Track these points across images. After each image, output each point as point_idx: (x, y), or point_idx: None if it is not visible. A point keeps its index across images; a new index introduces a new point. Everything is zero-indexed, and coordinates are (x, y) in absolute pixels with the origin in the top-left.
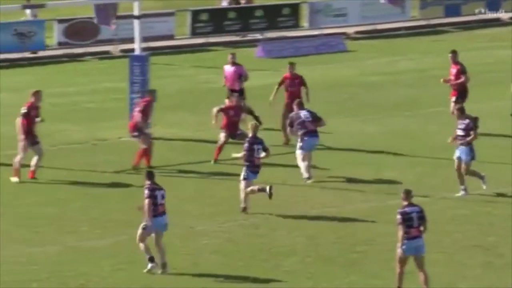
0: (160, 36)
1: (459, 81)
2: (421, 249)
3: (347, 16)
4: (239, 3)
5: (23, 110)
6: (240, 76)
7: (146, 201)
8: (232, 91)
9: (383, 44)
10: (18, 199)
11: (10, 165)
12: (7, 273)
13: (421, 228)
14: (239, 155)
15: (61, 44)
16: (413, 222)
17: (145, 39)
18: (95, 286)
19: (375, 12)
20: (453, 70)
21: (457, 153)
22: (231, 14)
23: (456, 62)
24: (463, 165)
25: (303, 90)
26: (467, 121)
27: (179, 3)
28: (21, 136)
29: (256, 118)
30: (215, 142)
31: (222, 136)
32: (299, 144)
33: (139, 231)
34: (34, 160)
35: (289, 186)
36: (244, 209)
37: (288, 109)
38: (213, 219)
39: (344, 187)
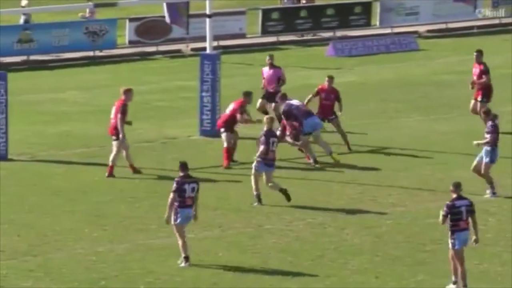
0: (231, 34)
1: (481, 80)
2: (466, 242)
3: (419, 15)
4: (300, 2)
5: (123, 107)
6: (279, 79)
7: (171, 195)
8: (270, 93)
9: (455, 43)
10: (88, 196)
11: (82, 163)
12: (77, 271)
13: (469, 221)
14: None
15: (132, 43)
16: (462, 215)
17: (216, 37)
18: (162, 285)
19: (447, 10)
20: (476, 70)
21: (479, 155)
22: (303, 13)
23: (480, 62)
24: (482, 166)
25: (337, 105)
26: (489, 123)
27: (251, 2)
28: (122, 134)
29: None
30: (284, 141)
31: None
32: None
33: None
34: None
35: (357, 185)
36: (258, 196)
37: None
38: (281, 218)
39: (413, 186)
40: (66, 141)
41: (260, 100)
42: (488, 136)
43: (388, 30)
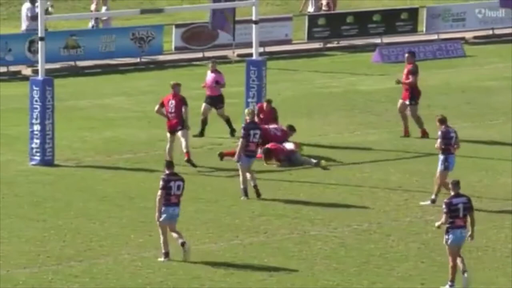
0: (277, 40)
1: (408, 81)
2: (462, 240)
3: (465, 21)
4: (321, 9)
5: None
6: (218, 82)
7: (159, 192)
8: (211, 98)
9: (501, 49)
10: (134, 202)
11: (128, 169)
12: (122, 277)
13: (466, 219)
14: None
15: (178, 49)
16: (459, 212)
17: (262, 43)
18: None
19: (493, 17)
20: (404, 70)
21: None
22: (349, 19)
23: (410, 62)
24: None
25: None
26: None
27: (297, 8)
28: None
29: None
30: (331, 147)
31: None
32: None
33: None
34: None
35: (403, 191)
36: (245, 190)
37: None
38: (327, 224)
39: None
40: (112, 147)
41: (204, 105)
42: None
43: (434, 37)
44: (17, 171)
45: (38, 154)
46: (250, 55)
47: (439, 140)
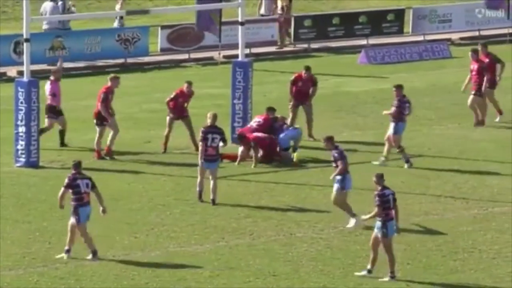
0: (264, 42)
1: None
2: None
3: (451, 22)
4: (276, 13)
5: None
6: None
7: (62, 189)
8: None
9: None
10: (119, 204)
11: (113, 170)
12: (107, 279)
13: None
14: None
15: (164, 50)
16: (390, 203)
17: (248, 45)
18: None
19: (479, 18)
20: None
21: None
22: (335, 20)
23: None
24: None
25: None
26: (334, 151)
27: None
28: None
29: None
30: (317, 148)
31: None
32: None
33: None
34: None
35: None
36: (199, 193)
37: None
38: (313, 226)
39: (446, 194)
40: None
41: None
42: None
43: (420, 38)
44: (2, 173)
45: (23, 155)
46: (236, 56)
47: (393, 108)
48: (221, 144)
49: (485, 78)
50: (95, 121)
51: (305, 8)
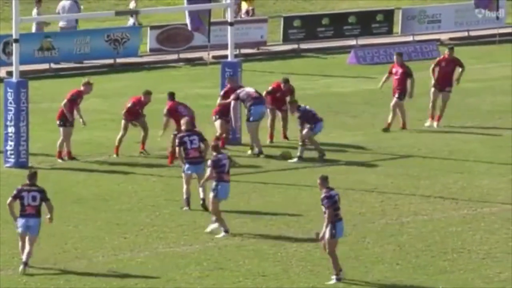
0: (253, 42)
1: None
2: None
3: (441, 23)
4: (240, 16)
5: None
6: None
7: (9, 199)
8: None
9: (477, 51)
10: (109, 205)
11: (103, 171)
12: (97, 279)
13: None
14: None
15: (153, 51)
16: (337, 204)
17: (237, 45)
18: None
19: (469, 18)
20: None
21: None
22: (324, 20)
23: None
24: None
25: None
26: None
27: (272, 10)
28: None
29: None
30: (306, 149)
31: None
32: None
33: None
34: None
35: (378, 193)
36: (187, 200)
37: None
38: (302, 226)
39: (435, 194)
40: (87, 149)
41: None
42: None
43: (410, 38)
44: None
45: (12, 156)
46: (226, 57)
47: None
48: (202, 145)
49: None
50: (58, 122)
51: (294, 8)
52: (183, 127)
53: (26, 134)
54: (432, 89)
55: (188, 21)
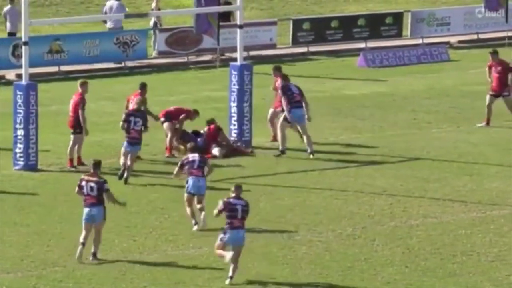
0: (262, 45)
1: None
2: (241, 241)
3: (450, 25)
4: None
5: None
6: None
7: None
8: None
9: (486, 54)
10: (118, 207)
11: (112, 173)
12: (106, 282)
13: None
14: None
15: (162, 53)
16: (237, 213)
17: (247, 48)
18: None
19: (478, 21)
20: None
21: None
22: (334, 23)
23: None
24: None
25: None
26: None
27: (281, 12)
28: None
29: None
30: (315, 151)
31: None
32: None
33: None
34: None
35: (388, 196)
36: (123, 171)
37: None
38: (311, 229)
39: (444, 197)
40: (96, 151)
41: None
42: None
43: (419, 41)
44: (1, 176)
45: (21, 159)
46: (235, 59)
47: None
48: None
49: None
50: (72, 130)
51: (304, 11)
52: (135, 106)
53: (35, 137)
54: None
55: (194, 23)
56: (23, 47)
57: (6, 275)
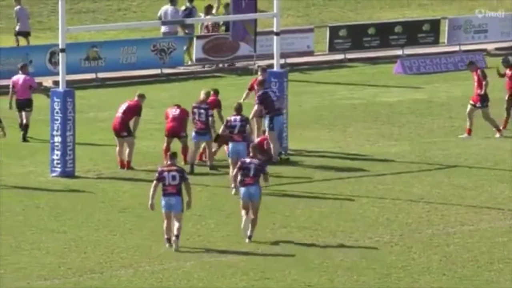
0: (299, 52)
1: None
2: (254, 196)
3: (487, 32)
4: (209, 31)
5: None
6: (30, 86)
7: (153, 182)
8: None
9: None
10: (155, 214)
11: (149, 180)
12: None
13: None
14: None
15: (199, 60)
16: (250, 172)
17: (283, 55)
18: None
19: None
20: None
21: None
22: (370, 30)
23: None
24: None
25: None
26: None
27: (318, 19)
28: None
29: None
30: (353, 158)
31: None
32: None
33: None
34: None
35: (425, 203)
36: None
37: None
38: (348, 236)
39: (482, 204)
40: (133, 158)
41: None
42: None
43: (456, 48)
44: (38, 183)
45: (59, 165)
46: (271, 66)
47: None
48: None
49: None
50: (124, 133)
51: (340, 18)
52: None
53: (72, 144)
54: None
55: (230, 31)
56: (60, 54)
57: (43, 282)
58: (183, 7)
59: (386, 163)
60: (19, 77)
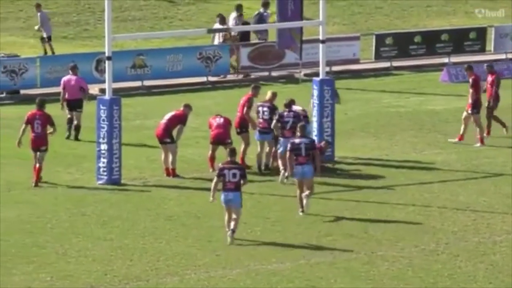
0: (345, 60)
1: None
2: (307, 174)
3: None
4: (230, 37)
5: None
6: (81, 88)
7: (214, 179)
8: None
9: None
10: (201, 221)
11: (195, 188)
12: None
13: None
14: None
15: (245, 68)
16: (301, 151)
17: (329, 63)
18: None
19: None
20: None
21: None
22: (417, 38)
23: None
24: None
25: None
26: None
27: (364, 27)
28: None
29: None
30: (399, 166)
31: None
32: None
33: None
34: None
35: (471, 212)
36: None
37: None
38: (394, 244)
39: None
40: (179, 166)
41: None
42: None
43: (502, 56)
44: (85, 190)
45: (105, 173)
46: (317, 74)
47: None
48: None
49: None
50: (168, 139)
51: (387, 26)
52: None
53: (119, 151)
54: None
55: (276, 39)
56: (107, 62)
57: None
58: (255, 12)
59: (432, 171)
60: (71, 78)
